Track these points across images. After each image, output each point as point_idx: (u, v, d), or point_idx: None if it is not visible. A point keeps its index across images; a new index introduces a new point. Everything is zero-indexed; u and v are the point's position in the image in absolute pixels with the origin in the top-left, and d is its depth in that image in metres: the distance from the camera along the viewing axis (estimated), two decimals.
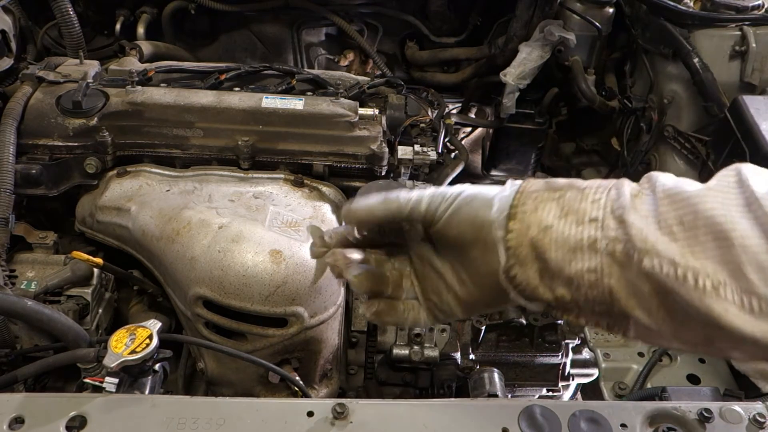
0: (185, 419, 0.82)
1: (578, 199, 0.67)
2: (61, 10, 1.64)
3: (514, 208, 0.70)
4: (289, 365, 1.28)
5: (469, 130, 2.39)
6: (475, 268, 0.73)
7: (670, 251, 0.61)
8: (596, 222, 0.65)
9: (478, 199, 0.73)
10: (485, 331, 1.53)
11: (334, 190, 1.41)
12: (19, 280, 1.22)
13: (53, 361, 1.01)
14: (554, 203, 0.68)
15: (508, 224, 0.69)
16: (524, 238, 0.68)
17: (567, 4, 1.98)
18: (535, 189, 0.71)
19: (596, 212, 0.66)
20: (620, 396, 1.21)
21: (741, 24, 1.74)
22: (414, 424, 0.84)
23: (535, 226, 0.68)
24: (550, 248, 0.67)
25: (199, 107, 1.40)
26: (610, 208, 0.65)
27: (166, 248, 1.22)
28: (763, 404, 0.88)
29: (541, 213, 0.68)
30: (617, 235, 0.64)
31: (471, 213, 0.72)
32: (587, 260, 0.65)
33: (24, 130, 1.34)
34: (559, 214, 0.67)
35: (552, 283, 0.68)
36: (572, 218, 0.67)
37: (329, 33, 2.25)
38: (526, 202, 0.70)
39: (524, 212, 0.69)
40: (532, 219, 0.68)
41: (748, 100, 1.50)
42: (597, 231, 0.65)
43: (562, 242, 0.66)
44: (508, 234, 0.69)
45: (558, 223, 0.67)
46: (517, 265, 0.69)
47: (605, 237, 0.64)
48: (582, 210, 0.67)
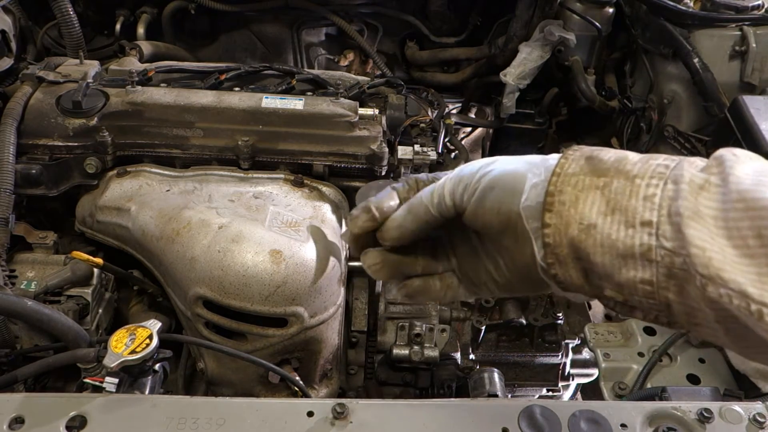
0: (185, 419, 0.82)
1: (627, 192, 0.57)
2: (61, 10, 1.64)
3: (550, 196, 0.60)
4: (289, 365, 1.28)
5: (469, 130, 2.39)
6: (509, 257, 0.67)
7: (741, 279, 0.50)
8: (650, 227, 0.55)
9: (502, 185, 0.64)
10: (485, 331, 1.53)
11: (334, 190, 1.41)
12: (19, 280, 1.22)
13: (53, 361, 1.01)
14: (598, 194, 0.58)
15: (544, 216, 0.60)
16: (563, 237, 0.59)
17: (567, 4, 1.98)
18: (575, 172, 0.60)
19: (649, 214, 0.55)
20: (620, 396, 1.20)
21: (741, 24, 1.74)
22: (414, 424, 0.84)
23: (576, 223, 0.58)
24: (595, 252, 0.57)
25: (199, 107, 1.40)
26: (666, 211, 0.55)
27: (166, 248, 1.22)
28: (763, 404, 0.88)
29: (583, 207, 0.58)
30: (675, 248, 0.53)
31: (495, 203, 0.64)
32: (640, 270, 0.56)
33: (24, 130, 1.34)
34: (605, 209, 0.57)
35: (600, 284, 0.60)
36: (620, 218, 0.56)
37: (329, 33, 2.25)
38: (565, 190, 0.59)
39: (562, 203, 0.59)
40: (572, 214, 0.58)
41: (748, 100, 1.50)
42: (651, 238, 0.55)
43: (609, 246, 0.57)
44: (544, 228, 0.60)
45: (603, 222, 0.57)
46: (557, 264, 0.61)
47: (661, 247, 0.54)
48: (632, 208, 0.56)
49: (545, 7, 1.99)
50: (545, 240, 0.60)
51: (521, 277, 0.68)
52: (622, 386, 1.21)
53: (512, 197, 0.62)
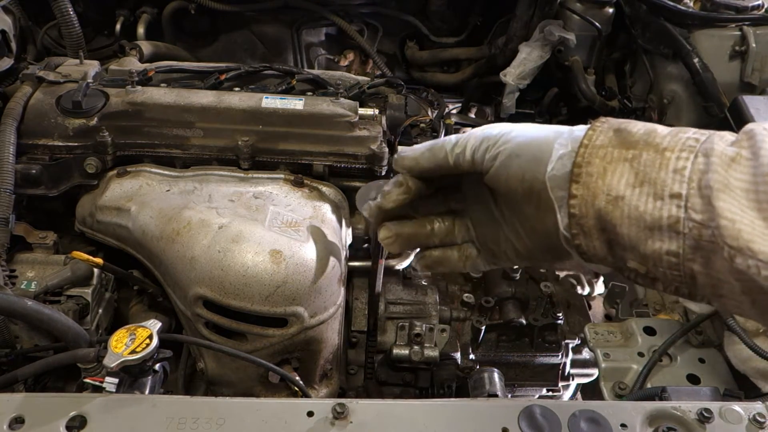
0: (185, 419, 0.82)
1: (657, 164, 0.56)
2: (61, 10, 1.64)
3: (577, 167, 0.59)
4: (289, 365, 1.28)
5: (469, 130, 2.39)
6: (530, 225, 0.67)
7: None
8: (679, 199, 0.55)
9: (528, 152, 0.63)
10: (485, 331, 1.53)
11: (334, 190, 1.41)
12: (19, 280, 1.22)
13: (53, 361, 1.01)
14: (627, 166, 0.57)
15: (571, 187, 0.59)
16: (590, 208, 0.59)
17: (567, 4, 1.98)
18: (604, 143, 0.60)
19: (678, 186, 0.55)
20: (620, 396, 1.20)
21: (741, 24, 1.74)
22: (414, 424, 0.84)
23: (603, 195, 0.58)
24: (621, 224, 0.57)
25: (199, 107, 1.40)
26: (696, 184, 0.54)
27: (166, 248, 1.22)
28: (763, 404, 0.88)
29: (611, 179, 0.58)
30: (704, 220, 0.54)
31: (519, 170, 0.63)
32: (667, 242, 0.56)
33: (24, 130, 1.34)
34: (633, 181, 0.57)
35: (624, 255, 0.59)
36: (649, 189, 0.56)
37: (329, 33, 2.25)
38: (593, 161, 0.59)
39: (590, 175, 0.59)
40: (599, 185, 0.58)
41: (748, 100, 1.50)
42: (679, 210, 0.55)
43: (636, 218, 0.57)
44: (570, 199, 0.59)
45: (631, 194, 0.57)
46: (581, 235, 0.60)
47: (689, 219, 0.54)
48: (661, 181, 0.56)
49: (545, 7, 1.99)
50: (571, 210, 0.60)
51: (542, 245, 0.68)
52: (622, 386, 1.21)
53: (537, 165, 0.62)
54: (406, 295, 1.51)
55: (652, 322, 1.33)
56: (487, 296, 1.55)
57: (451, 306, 1.54)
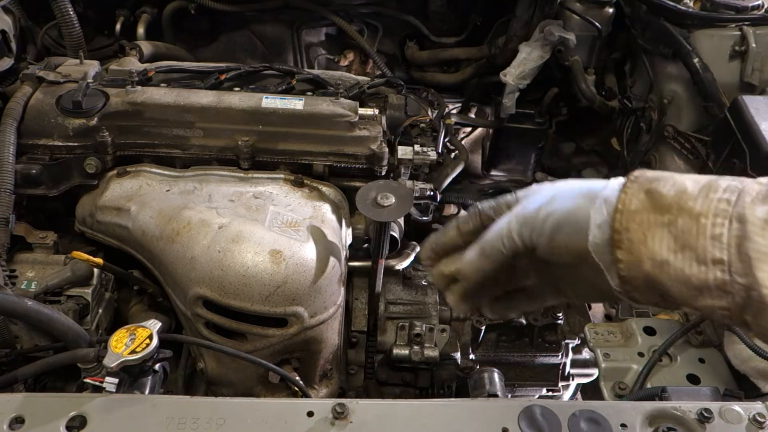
0: (185, 419, 0.82)
1: (694, 231, 0.59)
2: (61, 10, 1.64)
3: (617, 233, 0.63)
4: (289, 365, 1.28)
5: (469, 130, 2.39)
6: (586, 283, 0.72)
7: None
8: (722, 264, 0.58)
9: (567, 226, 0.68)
10: (485, 331, 1.53)
11: (334, 190, 1.41)
12: (19, 280, 1.22)
13: (53, 361, 1.01)
14: (665, 232, 0.61)
15: (615, 253, 0.63)
16: (638, 271, 0.62)
17: (567, 4, 1.98)
18: (638, 209, 0.63)
19: (719, 252, 0.58)
20: (620, 396, 1.20)
21: (741, 24, 1.74)
22: (414, 424, 0.84)
23: (648, 260, 0.61)
24: (670, 285, 0.60)
25: (199, 107, 1.40)
26: (735, 249, 0.58)
27: (166, 248, 1.22)
28: (763, 404, 0.88)
29: (652, 244, 0.61)
30: (749, 284, 0.57)
31: (564, 242, 0.68)
32: (717, 300, 0.59)
33: (24, 130, 1.34)
34: (674, 246, 0.60)
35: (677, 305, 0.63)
36: (691, 254, 0.59)
37: (329, 33, 2.25)
38: (630, 227, 0.62)
39: (631, 240, 0.62)
40: (643, 251, 0.61)
41: (748, 100, 1.50)
42: (724, 274, 0.58)
43: (683, 280, 0.60)
44: (617, 264, 0.63)
45: (675, 260, 0.60)
46: (634, 290, 0.64)
47: (735, 282, 0.58)
48: (702, 247, 0.59)
49: (545, 7, 1.99)
50: (620, 273, 0.63)
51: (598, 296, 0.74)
52: (622, 386, 1.21)
53: (579, 235, 0.66)
54: (406, 295, 1.51)
55: (652, 322, 1.33)
56: None
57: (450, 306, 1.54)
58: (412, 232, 1.57)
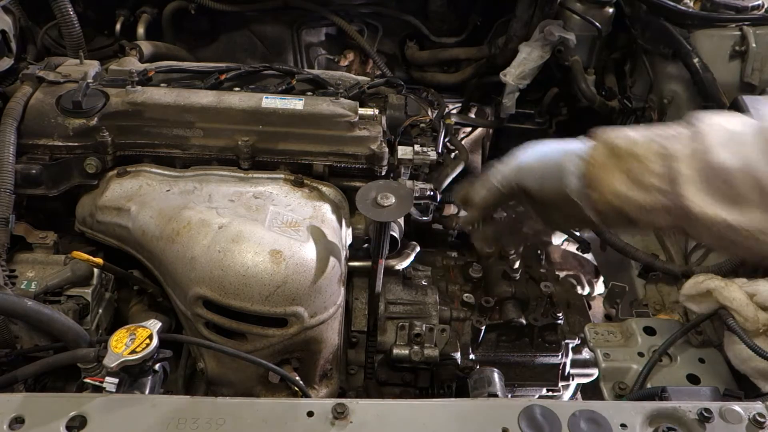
0: (185, 419, 0.82)
1: (641, 171, 0.83)
2: (61, 10, 1.64)
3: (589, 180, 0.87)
4: (289, 365, 1.28)
5: (469, 130, 2.39)
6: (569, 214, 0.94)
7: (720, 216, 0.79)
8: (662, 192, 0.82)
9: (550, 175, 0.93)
10: (485, 331, 1.53)
11: (334, 190, 1.41)
12: (19, 280, 1.22)
13: (53, 361, 1.01)
14: (623, 175, 0.85)
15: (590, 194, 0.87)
16: (607, 205, 0.86)
17: (567, 4, 1.98)
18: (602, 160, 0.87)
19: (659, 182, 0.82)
20: (620, 396, 1.20)
21: (741, 24, 1.74)
22: (414, 424, 0.84)
23: (614, 196, 0.85)
24: (632, 212, 0.85)
25: (199, 107, 1.40)
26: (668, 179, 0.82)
27: (166, 248, 1.23)
28: (763, 404, 0.88)
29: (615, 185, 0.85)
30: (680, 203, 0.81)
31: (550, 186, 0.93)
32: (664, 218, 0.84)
33: (24, 130, 1.34)
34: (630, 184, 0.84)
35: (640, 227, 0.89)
36: (641, 188, 0.84)
37: (329, 33, 2.25)
38: (598, 175, 0.87)
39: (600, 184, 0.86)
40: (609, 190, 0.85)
41: (748, 100, 1.50)
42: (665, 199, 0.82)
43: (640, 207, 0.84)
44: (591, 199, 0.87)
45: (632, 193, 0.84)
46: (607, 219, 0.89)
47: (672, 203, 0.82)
48: (647, 182, 0.83)
49: (545, 7, 1.99)
50: (595, 207, 0.88)
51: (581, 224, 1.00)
52: (622, 386, 1.21)
53: (561, 182, 0.92)
54: (406, 295, 1.51)
55: (652, 322, 1.33)
56: (487, 296, 1.55)
57: (451, 306, 1.54)
58: (412, 232, 1.58)
